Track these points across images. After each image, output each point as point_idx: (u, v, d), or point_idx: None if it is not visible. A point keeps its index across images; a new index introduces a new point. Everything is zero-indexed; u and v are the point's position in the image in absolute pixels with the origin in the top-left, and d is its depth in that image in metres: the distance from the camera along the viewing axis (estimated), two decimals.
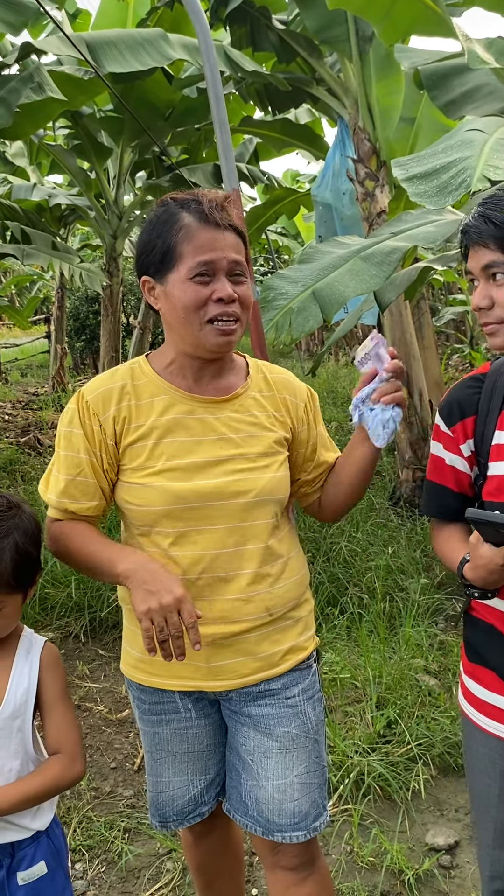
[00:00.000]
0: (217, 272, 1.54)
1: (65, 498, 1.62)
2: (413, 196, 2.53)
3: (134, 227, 8.85)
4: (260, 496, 1.61)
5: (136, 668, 1.69)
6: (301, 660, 1.70)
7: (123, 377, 1.65)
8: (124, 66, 5.28)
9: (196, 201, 1.58)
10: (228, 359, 1.70)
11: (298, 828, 1.66)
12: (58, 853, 1.56)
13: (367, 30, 5.15)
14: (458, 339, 13.54)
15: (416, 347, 5.86)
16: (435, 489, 1.65)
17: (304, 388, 1.79)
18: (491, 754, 1.57)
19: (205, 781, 1.76)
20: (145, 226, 1.64)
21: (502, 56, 3.80)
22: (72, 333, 13.53)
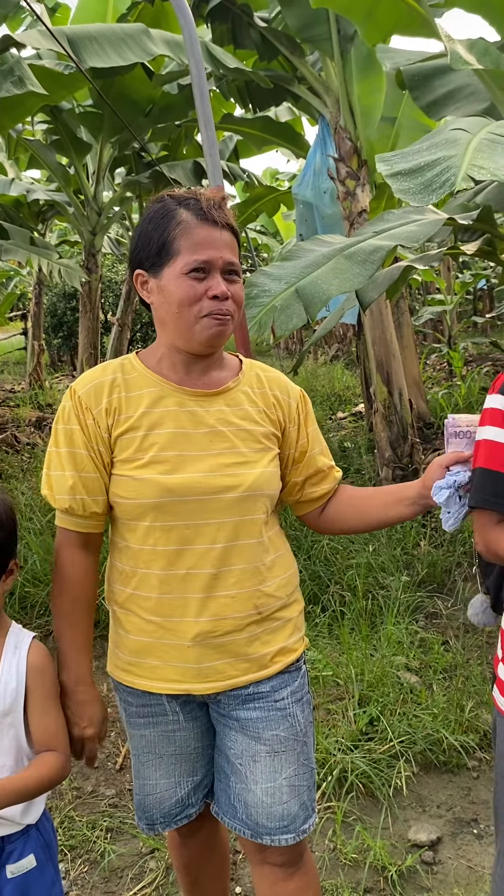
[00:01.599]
0: (212, 270, 1.56)
1: (76, 495, 1.61)
2: (397, 192, 2.54)
3: (113, 223, 8.80)
4: (250, 491, 1.61)
5: (124, 671, 1.68)
6: (290, 662, 1.69)
7: (114, 371, 1.65)
8: (105, 61, 5.24)
9: (195, 199, 1.59)
10: (219, 355, 1.70)
11: (287, 830, 1.65)
12: (47, 847, 1.55)
13: (350, 29, 5.17)
14: (436, 338, 13.64)
15: (396, 346, 5.89)
16: (496, 479, 1.48)
17: (297, 389, 1.80)
18: None
19: (192, 783, 1.74)
20: (142, 221, 1.64)
21: (484, 57, 3.83)
22: (49, 330, 13.44)
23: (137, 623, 1.62)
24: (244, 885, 2.37)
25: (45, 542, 4.43)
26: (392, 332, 5.84)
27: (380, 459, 5.84)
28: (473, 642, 3.68)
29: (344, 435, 7.92)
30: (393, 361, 5.80)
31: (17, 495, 5.51)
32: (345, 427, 8.54)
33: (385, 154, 2.83)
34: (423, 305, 13.36)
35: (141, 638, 1.62)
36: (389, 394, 5.80)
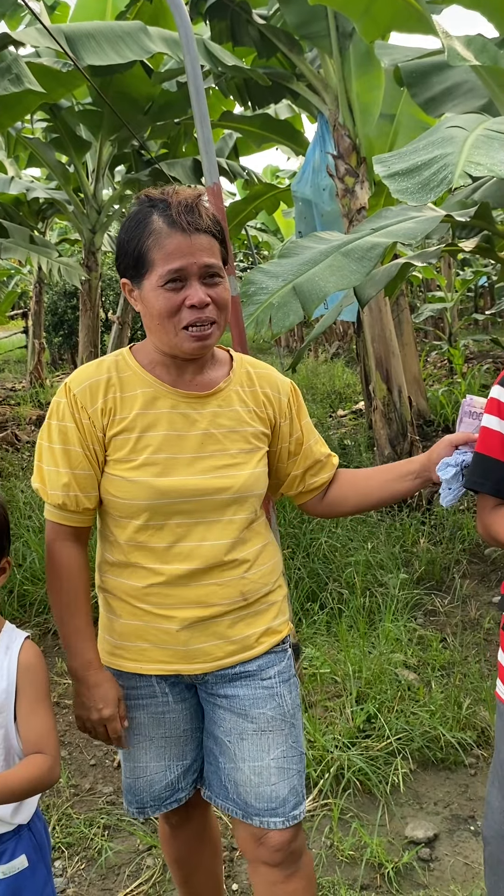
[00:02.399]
0: (189, 277, 1.54)
1: (70, 492, 1.61)
2: (395, 193, 2.54)
3: (113, 221, 8.80)
4: (240, 492, 1.64)
5: (113, 655, 1.71)
6: (276, 642, 1.73)
7: (109, 369, 1.65)
8: (103, 59, 5.24)
9: (165, 203, 1.56)
10: (209, 355, 1.70)
11: (276, 814, 1.66)
12: (40, 847, 1.54)
13: (348, 26, 5.16)
14: (436, 336, 13.62)
15: (396, 344, 5.89)
16: (499, 467, 1.54)
17: (287, 382, 1.80)
18: None
19: (181, 767, 1.77)
20: (121, 226, 1.64)
21: (481, 53, 3.82)
22: (50, 328, 13.44)
23: (127, 609, 1.66)
24: (241, 882, 2.37)
25: (44, 540, 4.43)
26: (391, 329, 5.83)
27: (379, 457, 5.83)
28: (471, 640, 3.68)
29: (344, 433, 7.92)
30: (392, 359, 5.79)
31: (17, 493, 5.52)
32: (345, 425, 8.54)
33: (382, 155, 2.82)
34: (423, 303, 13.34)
35: (131, 621, 1.66)
36: (389, 391, 5.79)
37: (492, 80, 3.85)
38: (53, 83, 5.93)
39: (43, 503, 4.91)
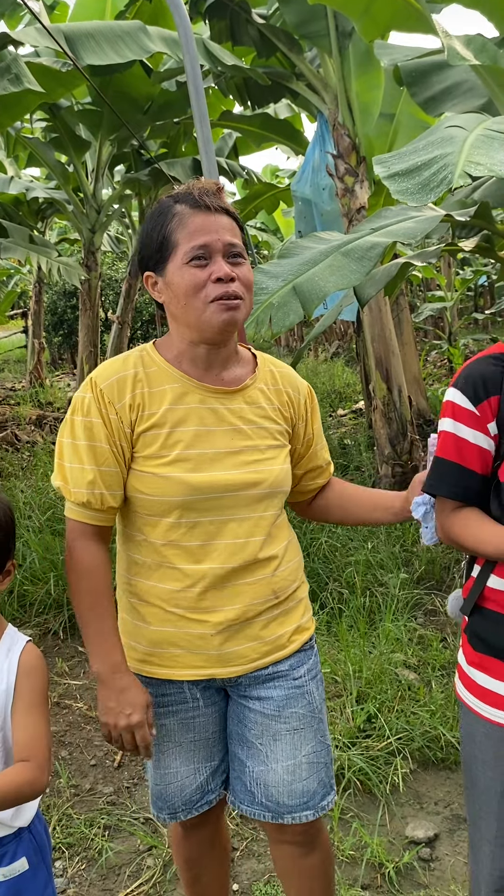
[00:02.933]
0: (213, 254, 1.55)
1: (95, 489, 1.58)
2: (395, 193, 2.54)
3: (112, 221, 8.80)
4: (271, 487, 1.65)
5: (143, 662, 1.68)
6: (305, 640, 1.75)
7: (135, 364, 1.63)
8: (103, 59, 5.24)
9: (187, 192, 1.59)
10: (234, 350, 1.70)
11: (307, 807, 1.70)
12: (40, 849, 1.54)
13: (347, 25, 5.16)
14: (436, 335, 13.62)
15: (396, 343, 5.88)
16: (456, 470, 1.55)
17: (305, 385, 1.82)
18: (495, 746, 1.54)
19: (210, 768, 1.77)
20: (143, 224, 1.66)
21: (481, 53, 3.81)
22: (49, 328, 13.44)
23: (159, 614, 1.63)
24: (241, 882, 2.37)
25: (44, 540, 4.43)
26: (391, 329, 5.83)
27: (379, 456, 5.83)
28: None
29: (344, 432, 7.92)
30: (392, 358, 5.79)
31: (17, 493, 5.52)
32: (345, 424, 8.54)
33: (382, 156, 2.82)
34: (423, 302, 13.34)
35: (163, 628, 1.63)
36: (389, 391, 5.79)
37: (491, 79, 3.85)
38: (53, 83, 5.93)
39: (42, 503, 4.88)
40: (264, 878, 2.40)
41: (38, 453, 6.90)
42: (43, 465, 6.36)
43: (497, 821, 1.55)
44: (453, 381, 1.58)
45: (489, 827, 1.57)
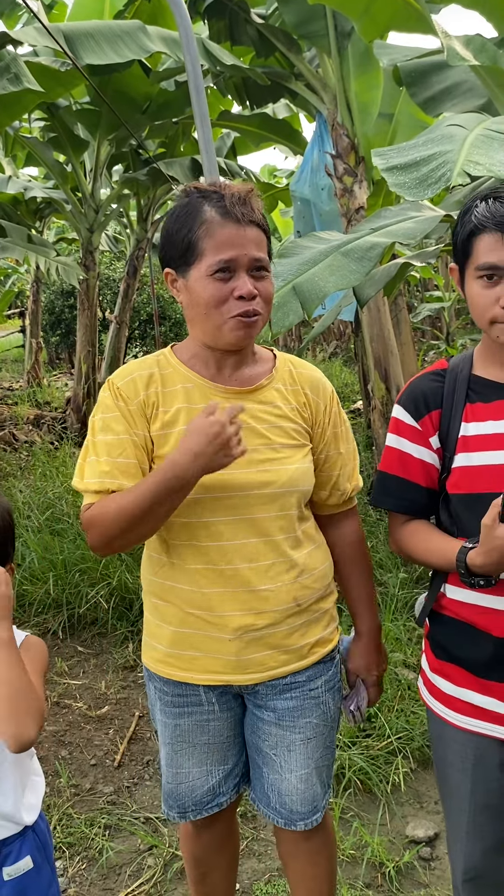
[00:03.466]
0: (238, 269, 1.54)
1: (106, 478, 1.55)
2: (392, 186, 2.53)
3: (110, 220, 8.78)
4: (285, 487, 1.62)
5: (163, 663, 1.69)
6: (326, 652, 1.73)
7: (151, 366, 1.65)
8: (102, 58, 5.23)
9: (219, 194, 1.56)
10: (250, 351, 1.69)
11: (315, 810, 1.75)
12: (44, 848, 1.55)
13: (347, 25, 5.15)
14: (434, 335, 13.63)
15: (394, 343, 5.88)
16: (401, 484, 1.62)
17: (329, 389, 1.77)
18: (462, 749, 1.58)
19: (223, 772, 1.77)
20: (168, 216, 1.63)
21: (480, 53, 3.81)
22: (47, 328, 13.40)
23: (177, 615, 1.64)
24: (241, 882, 2.37)
25: (43, 539, 4.43)
26: (390, 329, 5.83)
27: (378, 456, 5.84)
28: None
29: None
30: (391, 358, 5.79)
31: (15, 493, 5.51)
32: None
33: (381, 149, 2.81)
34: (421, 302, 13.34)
35: (181, 629, 1.64)
36: (387, 391, 5.79)
37: (491, 79, 3.85)
38: (51, 82, 5.92)
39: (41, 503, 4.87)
40: (265, 877, 2.40)
41: (35, 453, 6.90)
42: (41, 464, 6.35)
43: (467, 818, 1.61)
44: (398, 398, 1.64)
45: (461, 824, 1.62)
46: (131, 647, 3.77)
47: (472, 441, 1.53)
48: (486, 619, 1.52)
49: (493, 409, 1.54)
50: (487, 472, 1.50)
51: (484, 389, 1.56)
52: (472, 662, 1.54)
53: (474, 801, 1.59)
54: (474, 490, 1.51)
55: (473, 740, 1.56)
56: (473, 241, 1.47)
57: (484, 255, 1.45)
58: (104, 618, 3.96)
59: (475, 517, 1.44)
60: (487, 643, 1.51)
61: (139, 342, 12.95)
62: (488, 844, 1.61)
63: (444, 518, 1.61)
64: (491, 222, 1.43)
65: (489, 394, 1.55)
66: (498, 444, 1.51)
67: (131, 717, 3.27)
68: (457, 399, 1.56)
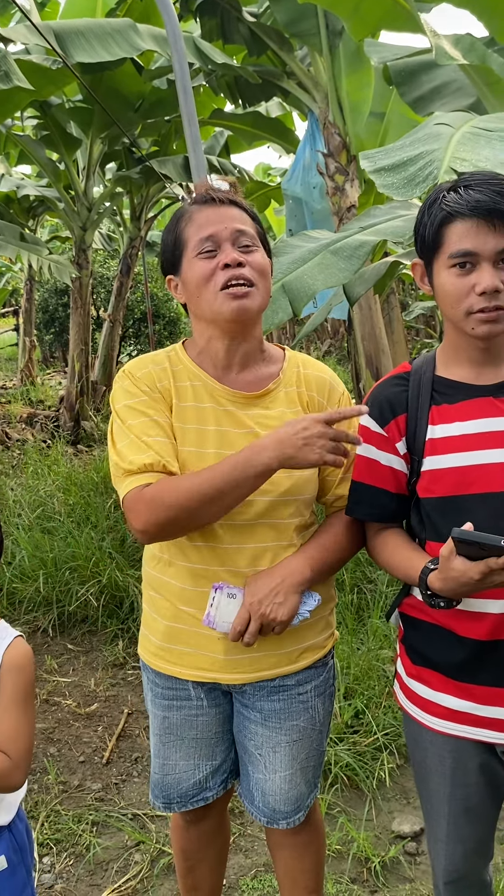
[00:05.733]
0: (221, 242, 1.56)
1: (153, 455, 1.51)
2: (381, 188, 2.54)
3: (103, 218, 8.78)
4: (285, 496, 1.61)
5: (155, 656, 1.72)
6: (318, 658, 1.73)
7: (163, 360, 1.66)
8: (93, 57, 5.22)
9: (202, 193, 1.61)
10: (258, 348, 1.68)
11: (298, 809, 1.76)
12: (20, 849, 1.52)
13: (338, 24, 5.16)
14: (427, 333, 13.65)
15: (386, 342, 5.89)
16: (371, 492, 1.60)
17: (338, 391, 1.72)
18: (440, 752, 1.58)
19: (210, 767, 1.78)
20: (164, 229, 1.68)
21: (469, 52, 3.83)
22: (41, 326, 13.40)
23: (171, 609, 1.66)
24: (228, 877, 2.38)
25: (33, 538, 4.43)
26: (381, 327, 5.84)
27: None
28: None
29: None
30: (382, 356, 5.80)
31: (7, 491, 5.51)
32: None
33: (368, 151, 2.82)
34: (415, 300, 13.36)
35: (174, 624, 1.65)
36: None
37: (479, 78, 3.86)
38: (43, 80, 5.91)
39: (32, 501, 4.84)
40: (251, 872, 2.41)
41: (28, 451, 6.89)
42: (33, 462, 6.35)
43: (447, 822, 1.61)
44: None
45: (441, 827, 1.63)
46: (121, 645, 3.78)
47: (440, 443, 1.51)
48: (456, 622, 1.51)
49: (459, 409, 1.52)
50: (457, 474, 1.49)
51: (448, 390, 1.54)
52: (448, 666, 1.54)
53: (454, 805, 1.59)
54: (445, 493, 1.50)
55: (451, 743, 1.56)
56: (444, 230, 1.44)
57: (457, 243, 1.42)
58: (94, 615, 3.96)
59: (447, 521, 1.43)
60: (461, 646, 1.51)
61: (133, 341, 12.95)
62: (469, 847, 1.62)
63: (414, 522, 1.60)
64: (465, 208, 1.41)
65: (454, 394, 1.53)
66: (466, 445, 1.49)
67: (120, 714, 3.28)
68: (422, 402, 1.55)
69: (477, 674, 1.51)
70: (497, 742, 1.52)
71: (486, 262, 1.42)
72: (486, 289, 1.41)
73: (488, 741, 1.53)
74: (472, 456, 1.48)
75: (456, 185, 1.45)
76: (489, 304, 1.42)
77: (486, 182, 1.42)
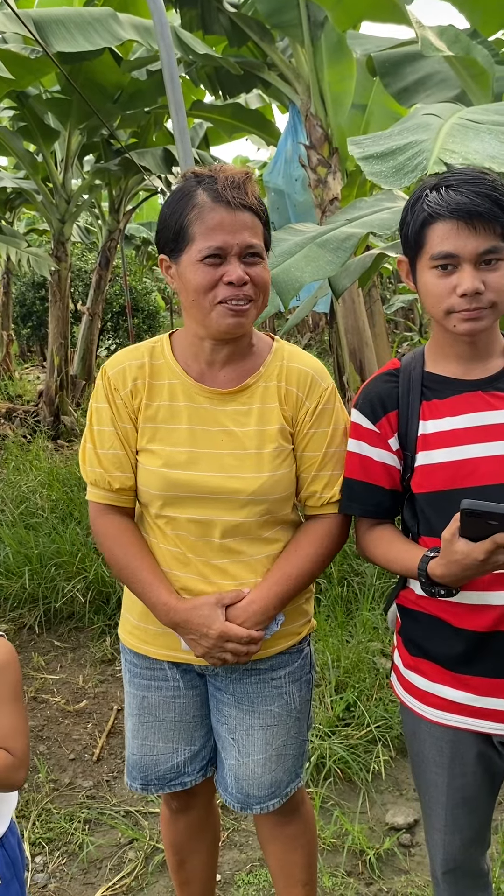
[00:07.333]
0: (228, 255, 1.50)
1: (98, 469, 1.65)
2: (369, 175, 2.52)
3: (82, 211, 8.69)
4: (255, 496, 1.59)
5: (132, 635, 1.75)
6: (291, 644, 1.72)
7: (143, 355, 1.66)
8: (73, 46, 5.15)
9: (212, 178, 1.52)
10: (247, 342, 1.65)
11: (274, 796, 1.74)
12: (13, 863, 1.50)
13: (319, 15, 5.13)
14: (407, 326, 13.70)
15: (369, 335, 5.90)
16: (365, 489, 1.60)
17: (321, 386, 1.64)
18: (438, 743, 1.59)
19: (189, 752, 1.77)
20: (165, 201, 1.61)
21: (454, 44, 3.82)
22: (18, 320, 13.25)
23: None
24: (223, 872, 2.37)
25: (17, 534, 4.38)
26: (364, 320, 5.84)
27: None
28: None
29: None
30: (366, 349, 5.81)
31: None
32: None
33: (357, 137, 2.80)
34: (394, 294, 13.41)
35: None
36: (362, 381, 5.81)
37: (464, 70, 3.86)
38: (21, 70, 5.82)
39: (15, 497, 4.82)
40: (246, 867, 2.40)
41: (8, 447, 6.81)
42: (14, 458, 6.28)
43: (445, 812, 1.62)
44: (353, 402, 1.62)
45: (438, 817, 1.64)
46: (109, 641, 3.74)
47: (432, 439, 1.52)
48: (452, 614, 1.52)
49: (448, 405, 1.53)
50: (450, 469, 1.50)
51: (438, 386, 1.55)
52: (446, 657, 1.55)
53: (451, 795, 1.60)
54: (438, 488, 1.51)
55: (449, 734, 1.57)
56: (427, 231, 1.44)
57: (438, 245, 1.42)
58: (81, 612, 3.93)
59: (441, 515, 1.43)
60: (459, 637, 1.52)
61: (112, 334, 12.85)
62: (466, 836, 1.63)
63: (406, 517, 1.61)
64: (445, 210, 1.40)
65: (443, 390, 1.54)
66: (457, 439, 1.50)
67: (110, 710, 3.25)
68: (412, 398, 1.55)
69: (475, 665, 1.52)
70: (495, 732, 1.53)
71: (467, 263, 1.42)
72: (466, 291, 1.41)
73: (486, 732, 1.54)
74: (464, 450, 1.49)
75: (438, 185, 1.44)
76: (470, 306, 1.43)
77: (468, 182, 1.42)
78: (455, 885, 1.68)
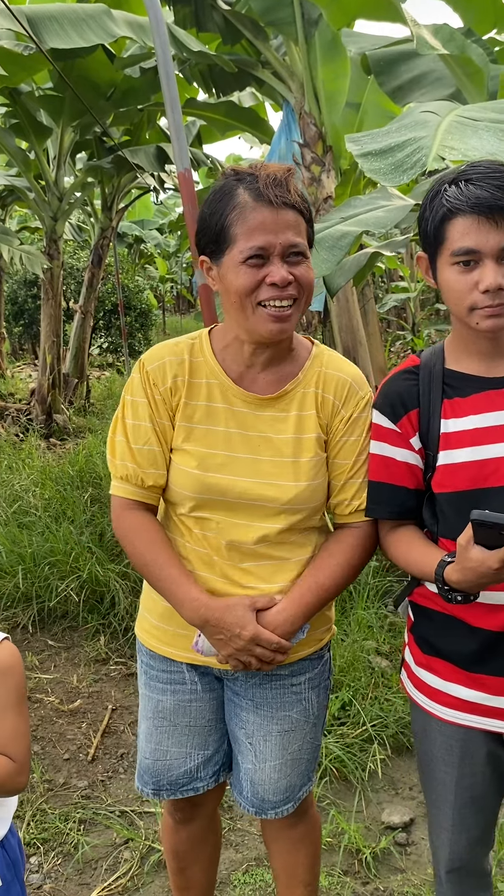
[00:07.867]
0: (271, 255, 1.46)
1: (129, 463, 1.61)
2: (368, 172, 2.51)
3: (74, 209, 8.65)
4: (289, 505, 1.58)
5: (150, 635, 1.72)
6: (310, 651, 1.71)
7: (183, 351, 1.62)
8: (67, 42, 5.12)
9: (253, 176, 1.48)
10: (287, 346, 1.62)
11: (288, 800, 1.73)
12: (13, 865, 1.49)
13: (314, 13, 5.12)
14: (400, 325, 13.72)
15: (363, 334, 5.90)
16: (389, 490, 1.57)
17: (358, 395, 1.62)
18: (448, 742, 1.58)
19: (202, 757, 1.76)
20: (205, 200, 1.56)
21: (449, 42, 3.82)
22: (10, 318, 13.20)
23: None
24: (219, 872, 2.36)
25: (10, 532, 4.36)
26: (358, 318, 5.84)
27: None
28: None
29: None
30: (360, 348, 5.80)
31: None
32: None
33: (355, 134, 2.80)
34: (387, 293, 13.42)
35: (169, 605, 1.64)
36: None
37: (459, 69, 3.86)
38: (14, 66, 5.80)
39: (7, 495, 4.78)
40: (242, 867, 2.39)
41: (0, 445, 6.78)
42: (7, 457, 6.25)
43: (452, 810, 1.61)
44: (373, 402, 1.60)
45: (445, 816, 1.63)
46: (103, 640, 3.73)
47: (454, 437, 1.50)
48: (471, 613, 1.50)
49: (471, 403, 1.50)
50: (472, 468, 1.48)
51: (459, 383, 1.53)
52: (460, 656, 1.54)
53: (460, 794, 1.59)
54: (459, 488, 1.49)
55: (460, 733, 1.56)
56: (446, 227, 1.42)
57: (459, 240, 1.40)
58: (75, 611, 3.91)
59: (461, 516, 1.40)
60: (474, 636, 1.51)
61: (104, 332, 12.82)
62: (473, 836, 1.63)
63: (426, 516, 1.58)
64: (465, 205, 1.38)
65: (465, 388, 1.52)
66: (480, 438, 1.48)
67: (104, 710, 3.24)
68: (433, 396, 1.53)
69: (489, 664, 1.51)
70: None
71: (489, 259, 1.40)
72: (489, 287, 1.39)
73: (499, 731, 1.53)
74: (487, 450, 1.47)
75: (457, 179, 1.42)
76: (493, 302, 1.41)
77: (487, 176, 1.40)
78: (459, 884, 1.67)
